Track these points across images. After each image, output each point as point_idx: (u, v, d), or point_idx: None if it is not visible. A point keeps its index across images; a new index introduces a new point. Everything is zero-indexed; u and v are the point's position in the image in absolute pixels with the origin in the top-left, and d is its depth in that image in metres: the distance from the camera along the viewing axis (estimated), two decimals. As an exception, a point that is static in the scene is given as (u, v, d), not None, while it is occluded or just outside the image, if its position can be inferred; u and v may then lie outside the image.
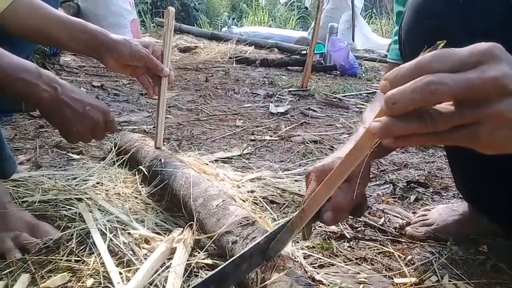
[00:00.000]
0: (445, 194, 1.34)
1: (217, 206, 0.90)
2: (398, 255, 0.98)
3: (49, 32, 0.95)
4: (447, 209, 1.11)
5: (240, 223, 0.81)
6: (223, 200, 0.92)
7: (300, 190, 1.27)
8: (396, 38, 1.01)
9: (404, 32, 0.91)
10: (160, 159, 1.12)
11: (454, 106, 0.42)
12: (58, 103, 0.83)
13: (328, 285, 0.83)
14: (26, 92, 0.81)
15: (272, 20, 10.33)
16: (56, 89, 0.83)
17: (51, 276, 0.81)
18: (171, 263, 0.81)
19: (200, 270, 0.84)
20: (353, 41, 5.37)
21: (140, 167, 1.19)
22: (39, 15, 0.94)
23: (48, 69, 2.65)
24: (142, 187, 1.16)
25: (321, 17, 3.14)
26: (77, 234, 0.94)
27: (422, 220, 1.10)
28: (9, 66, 0.79)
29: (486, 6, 0.80)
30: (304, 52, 3.78)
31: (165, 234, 0.95)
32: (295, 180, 1.36)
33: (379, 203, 1.26)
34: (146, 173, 1.15)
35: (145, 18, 7.65)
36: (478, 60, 0.42)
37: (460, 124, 0.42)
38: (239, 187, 1.25)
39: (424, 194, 1.32)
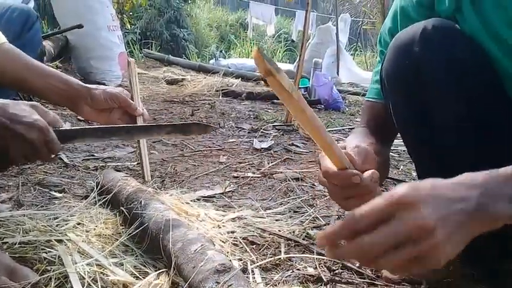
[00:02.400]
0: (422, 234, 1.36)
1: (195, 251, 0.91)
2: (374, 299, 1.00)
3: (26, 80, 0.98)
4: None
5: (217, 270, 0.82)
6: (202, 245, 0.93)
7: (279, 230, 1.30)
8: (376, 77, 1.05)
9: (385, 72, 0.96)
10: (141, 201, 1.14)
11: None
12: None
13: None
14: None
15: (260, 51, 10.51)
16: None
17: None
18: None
19: (177, 316, 0.85)
20: (337, 74, 5.49)
21: (121, 208, 1.20)
22: (17, 64, 0.97)
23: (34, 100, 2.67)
24: (123, 229, 1.17)
25: (307, 50, 3.23)
26: (55, 278, 0.95)
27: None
28: None
29: (462, 53, 0.85)
30: (290, 86, 3.85)
31: (144, 277, 0.96)
32: (276, 220, 1.39)
33: (357, 244, 1.28)
34: (127, 214, 1.16)
35: (134, 48, 7.75)
36: (396, 210, 0.50)
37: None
38: (219, 227, 1.27)
39: (401, 235, 1.35)
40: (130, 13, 9.40)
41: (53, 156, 0.93)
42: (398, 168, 2.06)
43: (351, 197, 0.71)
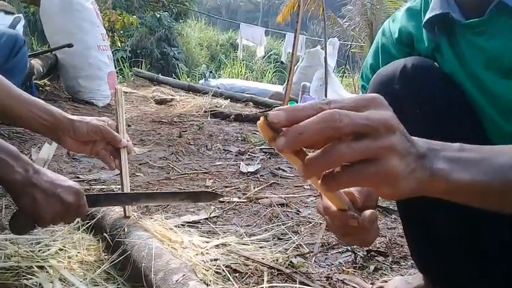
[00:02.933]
0: (404, 264, 1.38)
1: (177, 281, 0.91)
2: (354, 331, 1.00)
3: (9, 107, 0.98)
4: (403, 282, 1.15)
5: (198, 302, 0.83)
6: (184, 275, 0.93)
7: (263, 258, 1.30)
8: None
9: None
10: (124, 229, 1.14)
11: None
12: (29, 186, 0.86)
13: None
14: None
15: (249, 72, 10.61)
16: (28, 171, 0.86)
17: None
18: None
19: None
20: (325, 97, 5.54)
21: (104, 234, 1.20)
22: (2, 92, 0.98)
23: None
24: (106, 255, 1.17)
25: (296, 73, 3.27)
26: (35, 307, 0.94)
27: (379, 292, 1.13)
28: None
29: (440, 93, 0.88)
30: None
31: (125, 307, 0.96)
32: (260, 247, 1.39)
33: (340, 273, 1.29)
34: (110, 241, 1.16)
35: (124, 66, 7.78)
36: (367, 105, 0.49)
37: (364, 158, 0.47)
38: (203, 254, 1.27)
39: (384, 264, 1.36)
40: (121, 31, 9.46)
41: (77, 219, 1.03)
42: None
43: (348, 233, 0.71)
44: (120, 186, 1.27)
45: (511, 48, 0.80)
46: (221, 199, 1.84)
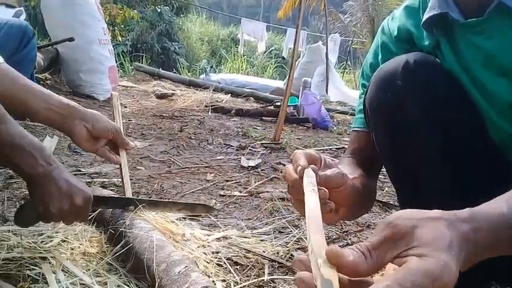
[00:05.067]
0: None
1: (179, 272, 0.92)
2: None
3: (26, 101, 0.99)
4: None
5: (200, 292, 0.83)
6: (186, 267, 0.94)
7: (264, 251, 1.31)
8: (360, 107, 1.08)
9: (368, 102, 0.98)
10: (126, 221, 1.15)
11: None
12: (48, 178, 0.87)
13: None
14: (23, 161, 0.84)
15: (250, 67, 10.60)
16: (51, 166, 0.87)
17: None
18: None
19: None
20: (326, 93, 5.56)
21: (107, 226, 1.20)
22: (17, 84, 0.98)
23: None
24: (108, 247, 1.17)
25: (297, 69, 3.27)
26: (38, 297, 0.95)
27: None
28: (18, 134, 0.83)
29: (442, 89, 0.88)
30: (279, 103, 3.90)
31: (127, 297, 0.97)
32: (261, 240, 1.40)
33: (340, 266, 1.29)
34: (112, 232, 1.17)
35: (124, 61, 7.76)
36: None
37: None
38: (204, 247, 1.28)
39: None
40: (122, 26, 9.45)
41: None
42: (383, 190, 2.09)
43: None
44: (120, 180, 1.29)
45: (509, 48, 0.81)
46: (222, 193, 1.85)
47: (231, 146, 2.80)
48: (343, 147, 3.04)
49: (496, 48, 0.83)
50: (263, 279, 1.14)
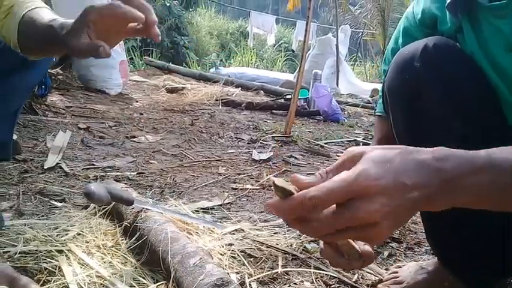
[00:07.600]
0: (418, 250, 1.38)
1: (194, 264, 0.93)
2: (369, 314, 1.01)
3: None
4: (417, 267, 1.15)
5: (216, 284, 0.84)
6: (201, 258, 0.95)
7: (277, 244, 1.31)
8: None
9: (386, 87, 0.98)
10: (141, 214, 1.15)
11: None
12: None
13: None
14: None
15: (260, 60, 10.57)
16: None
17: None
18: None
19: (175, 329, 0.86)
20: (337, 85, 5.53)
21: (121, 219, 1.21)
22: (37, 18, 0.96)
23: (35, 110, 2.69)
24: (123, 240, 1.18)
25: (307, 61, 3.26)
26: (55, 289, 0.96)
27: (393, 278, 1.14)
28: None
29: (461, 72, 0.88)
30: (289, 97, 3.89)
31: (143, 289, 0.98)
32: (274, 233, 1.40)
33: (354, 258, 1.29)
34: (127, 225, 1.18)
35: (135, 55, 7.79)
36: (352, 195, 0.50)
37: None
38: (218, 239, 1.29)
39: (398, 250, 1.37)
40: (132, 20, 9.44)
41: None
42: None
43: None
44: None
45: None
46: (234, 186, 1.85)
47: (242, 139, 2.80)
48: (355, 140, 3.03)
49: None
50: (277, 272, 1.15)
